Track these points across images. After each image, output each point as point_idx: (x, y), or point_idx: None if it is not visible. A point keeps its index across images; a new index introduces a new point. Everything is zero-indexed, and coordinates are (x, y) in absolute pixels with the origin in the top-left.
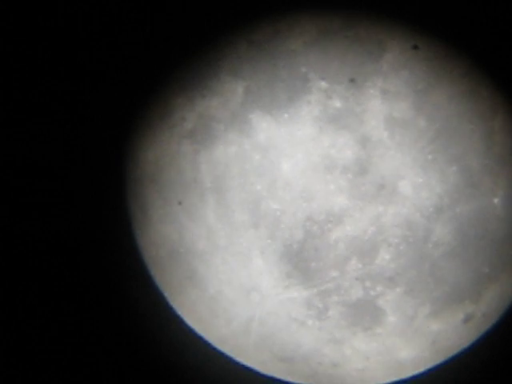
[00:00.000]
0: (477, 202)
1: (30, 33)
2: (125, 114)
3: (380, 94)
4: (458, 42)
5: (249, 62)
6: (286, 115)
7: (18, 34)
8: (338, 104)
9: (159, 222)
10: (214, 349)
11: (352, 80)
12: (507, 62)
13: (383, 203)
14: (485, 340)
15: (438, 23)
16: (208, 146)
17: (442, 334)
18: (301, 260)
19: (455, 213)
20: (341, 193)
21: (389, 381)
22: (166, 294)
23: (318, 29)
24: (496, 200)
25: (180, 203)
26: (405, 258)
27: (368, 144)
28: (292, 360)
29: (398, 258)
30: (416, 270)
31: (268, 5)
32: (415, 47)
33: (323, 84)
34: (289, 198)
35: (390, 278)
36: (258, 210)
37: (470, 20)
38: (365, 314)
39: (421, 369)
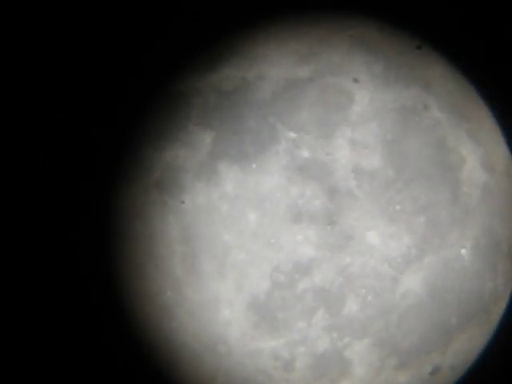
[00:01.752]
0: (445, 252)
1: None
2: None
3: (348, 145)
4: (426, 94)
5: (217, 112)
6: (253, 165)
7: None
8: (306, 154)
9: (126, 273)
10: None
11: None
12: (474, 113)
13: (351, 254)
14: None
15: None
16: (175, 195)
17: None
18: (268, 311)
19: (423, 264)
20: (308, 243)
21: None
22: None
23: (286, 79)
24: (463, 251)
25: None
26: (372, 308)
27: (336, 194)
28: None
29: (366, 308)
30: (383, 321)
31: (236, 54)
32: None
33: (291, 134)
34: (256, 249)
35: (358, 329)
36: (225, 261)
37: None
38: (332, 365)
39: None
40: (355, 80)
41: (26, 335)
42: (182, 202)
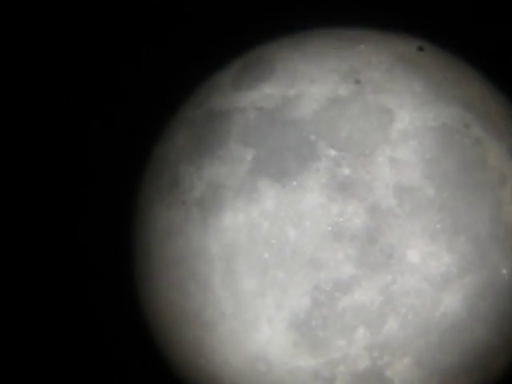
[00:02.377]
0: (485, 272)
1: None
2: (134, 182)
3: (389, 163)
4: (466, 112)
5: (258, 130)
6: (294, 183)
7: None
8: (346, 172)
9: (167, 288)
10: None
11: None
12: None
13: (391, 272)
14: None
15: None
16: (216, 213)
17: None
18: (308, 329)
19: (463, 283)
20: (349, 261)
21: None
22: (172, 363)
23: (327, 97)
24: (504, 270)
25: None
26: (413, 327)
27: (377, 212)
28: None
29: (406, 327)
30: (424, 340)
31: (277, 72)
32: (420, 49)
33: (332, 152)
34: (296, 266)
35: (398, 347)
36: (265, 278)
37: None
38: None
39: None
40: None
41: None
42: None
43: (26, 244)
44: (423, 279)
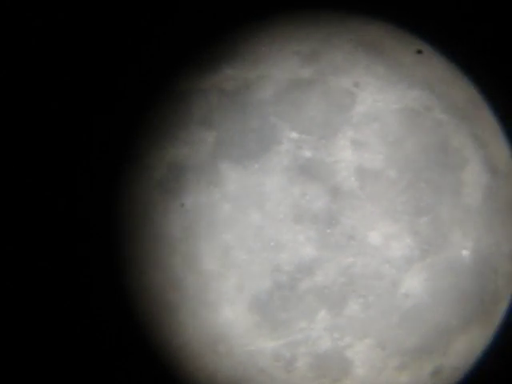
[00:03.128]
0: (446, 253)
1: None
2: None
3: (351, 145)
4: (428, 95)
5: (219, 112)
6: (256, 165)
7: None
8: (308, 154)
9: (130, 271)
10: None
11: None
12: (477, 114)
13: (353, 254)
14: None
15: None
16: (178, 195)
17: None
18: (269, 311)
19: (425, 264)
20: (310, 243)
21: None
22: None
23: (289, 79)
24: (465, 252)
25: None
26: (374, 309)
27: (338, 194)
28: None
29: (368, 309)
30: (385, 322)
31: (239, 54)
32: (419, 52)
33: (294, 134)
34: (258, 248)
35: (359, 329)
36: (226, 260)
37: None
38: (333, 365)
39: None
40: (356, 84)
41: (29, 337)
42: (182, 205)
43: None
44: (384, 261)
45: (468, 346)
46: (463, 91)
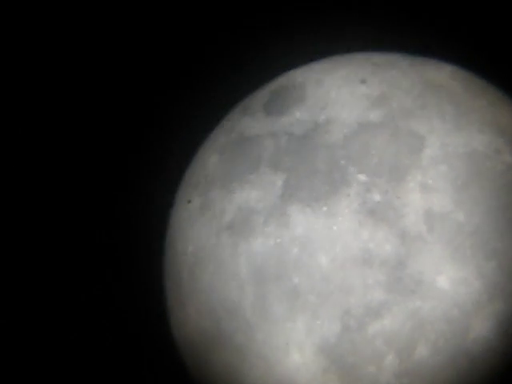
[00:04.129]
0: None
1: None
2: (166, 206)
3: (419, 188)
4: (498, 138)
5: (288, 155)
6: (324, 208)
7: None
8: (377, 197)
9: (198, 314)
10: None
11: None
12: None
13: (421, 298)
14: None
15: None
16: (247, 238)
17: None
18: (338, 354)
19: (494, 308)
20: (379, 287)
21: None
22: None
23: (358, 122)
24: None
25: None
26: (443, 354)
27: (407, 238)
28: None
29: (436, 354)
30: (454, 367)
31: (308, 98)
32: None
33: (362, 177)
34: (326, 292)
35: (428, 374)
36: (295, 303)
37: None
38: None
39: None
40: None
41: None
42: (189, 202)
43: (63, 267)
44: (453, 305)
45: None
46: None
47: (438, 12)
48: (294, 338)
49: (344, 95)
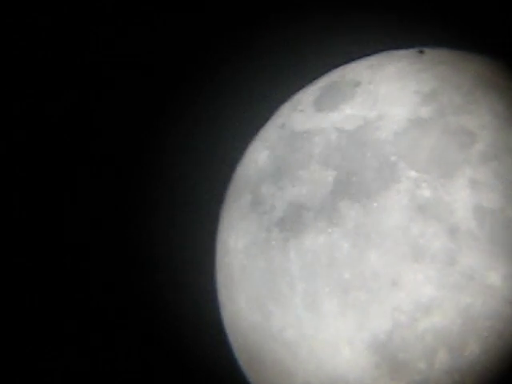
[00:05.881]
0: None
1: None
2: (216, 202)
3: (469, 184)
4: None
5: (339, 151)
6: (375, 204)
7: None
8: (427, 193)
9: (249, 308)
10: None
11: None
12: None
13: (472, 294)
14: None
15: None
16: (297, 234)
17: None
18: (388, 351)
19: None
20: (429, 283)
21: None
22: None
23: (408, 118)
24: None
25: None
26: (495, 350)
27: (457, 234)
28: None
29: (488, 350)
30: (507, 364)
31: (358, 94)
32: (421, 52)
33: (413, 173)
34: (377, 288)
35: (480, 371)
36: (346, 299)
37: None
38: None
39: None
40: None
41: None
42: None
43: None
44: (505, 301)
45: None
46: None
47: (489, 8)
48: (344, 334)
49: (394, 91)
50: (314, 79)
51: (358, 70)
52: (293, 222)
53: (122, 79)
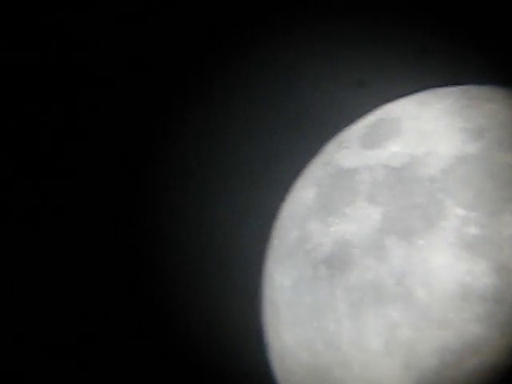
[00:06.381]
0: None
1: None
2: (263, 240)
3: None
4: None
5: (385, 188)
6: (421, 241)
7: None
8: (474, 231)
9: (296, 346)
10: None
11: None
12: None
13: None
14: None
15: None
16: (344, 271)
17: None
18: None
19: None
20: (477, 322)
21: None
22: None
23: (455, 156)
24: None
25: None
26: None
27: (505, 272)
28: None
29: None
30: None
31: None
32: (424, 51)
33: (460, 211)
34: (424, 326)
35: None
36: (393, 338)
37: None
38: None
39: None
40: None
41: None
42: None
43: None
44: None
45: None
46: None
47: None
48: (391, 373)
49: (441, 128)
50: (360, 118)
51: (403, 107)
52: (339, 259)
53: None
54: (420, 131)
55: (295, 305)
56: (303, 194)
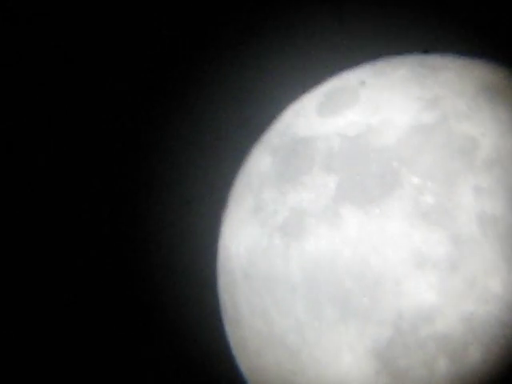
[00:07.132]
0: None
1: None
2: (217, 208)
3: (472, 191)
4: None
5: (341, 157)
6: (377, 210)
7: None
8: (429, 200)
9: (251, 315)
10: None
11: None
12: None
13: (474, 301)
14: None
15: None
16: (299, 239)
17: None
18: (390, 358)
19: None
20: (431, 290)
21: None
22: None
23: (410, 125)
24: None
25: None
26: (496, 358)
27: (459, 241)
28: None
29: (490, 358)
30: (509, 372)
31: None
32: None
33: (415, 179)
34: (378, 294)
35: (481, 379)
36: (347, 306)
37: None
38: None
39: None
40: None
41: None
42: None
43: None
44: (507, 308)
45: None
46: None
47: (494, 14)
48: (345, 341)
49: (396, 97)
50: (317, 84)
51: (360, 76)
52: (294, 227)
53: (123, 78)
54: (376, 100)
55: (251, 274)
56: (259, 162)
